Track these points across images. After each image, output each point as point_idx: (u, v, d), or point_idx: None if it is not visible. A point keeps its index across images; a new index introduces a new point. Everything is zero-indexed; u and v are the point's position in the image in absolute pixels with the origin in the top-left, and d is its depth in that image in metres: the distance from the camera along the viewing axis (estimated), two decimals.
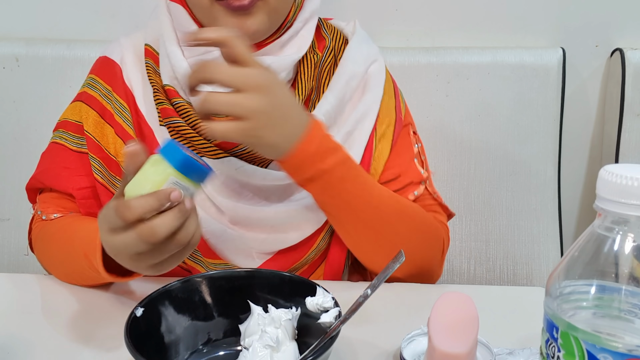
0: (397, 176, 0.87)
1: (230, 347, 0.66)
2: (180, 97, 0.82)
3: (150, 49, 0.86)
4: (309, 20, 0.84)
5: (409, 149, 0.90)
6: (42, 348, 0.68)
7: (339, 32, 0.91)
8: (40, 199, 0.89)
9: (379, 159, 0.86)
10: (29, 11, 1.31)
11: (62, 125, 0.89)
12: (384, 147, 0.87)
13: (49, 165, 0.88)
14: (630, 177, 0.42)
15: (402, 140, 0.89)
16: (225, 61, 0.67)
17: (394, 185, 0.86)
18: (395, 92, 0.92)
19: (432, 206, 0.89)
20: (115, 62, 0.88)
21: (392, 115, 0.88)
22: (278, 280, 0.66)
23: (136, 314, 0.60)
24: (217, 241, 0.81)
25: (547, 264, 1.25)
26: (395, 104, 0.90)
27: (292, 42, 0.83)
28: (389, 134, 0.88)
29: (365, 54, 0.89)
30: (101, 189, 0.85)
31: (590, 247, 0.44)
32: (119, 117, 0.85)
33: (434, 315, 0.57)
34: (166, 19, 0.83)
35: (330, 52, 0.87)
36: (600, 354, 0.42)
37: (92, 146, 0.85)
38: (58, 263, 0.82)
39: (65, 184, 0.86)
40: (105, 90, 0.87)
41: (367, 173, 0.81)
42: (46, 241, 0.84)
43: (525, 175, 1.25)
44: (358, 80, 0.87)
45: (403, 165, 0.88)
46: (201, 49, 0.80)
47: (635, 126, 1.26)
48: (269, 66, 0.70)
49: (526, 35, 1.30)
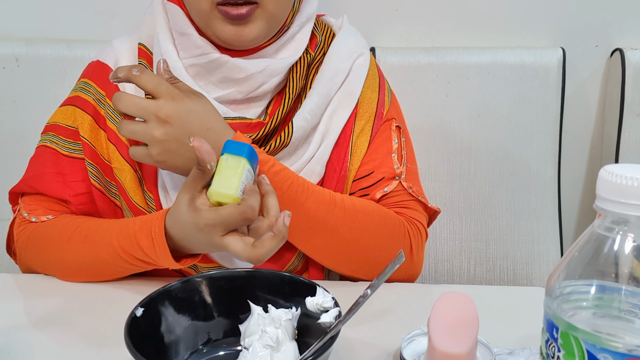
0: (371, 172, 0.86)
1: (230, 347, 0.66)
2: None
3: (144, 49, 0.86)
4: (305, 24, 0.85)
5: (387, 143, 0.88)
6: (42, 348, 0.68)
7: (328, 28, 0.91)
8: (25, 201, 0.87)
9: (356, 155, 0.86)
10: (29, 11, 1.31)
11: (51, 128, 0.87)
12: (362, 143, 0.86)
13: (39, 170, 0.86)
14: (630, 177, 0.42)
15: (380, 135, 0.88)
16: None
17: (367, 182, 0.85)
18: (381, 86, 0.90)
19: (405, 202, 0.87)
20: (108, 66, 0.87)
21: (372, 111, 0.87)
22: (278, 280, 0.66)
23: (136, 314, 0.60)
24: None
25: (547, 264, 1.25)
26: (377, 99, 0.88)
27: (289, 46, 0.84)
28: (367, 130, 0.87)
29: (352, 48, 0.88)
30: (98, 194, 0.84)
31: (590, 247, 0.44)
32: (112, 122, 0.84)
33: (434, 315, 0.57)
34: (161, 17, 0.83)
35: (320, 50, 0.87)
36: (600, 354, 0.42)
37: (89, 152, 0.85)
38: (73, 258, 0.80)
39: (60, 191, 0.84)
40: (99, 95, 0.86)
41: (304, 183, 0.79)
42: (50, 241, 0.82)
43: (525, 175, 1.25)
44: (343, 76, 0.86)
45: (377, 160, 0.86)
46: (197, 50, 0.81)
47: (635, 126, 1.26)
48: (186, 93, 0.75)
49: (526, 35, 1.30)
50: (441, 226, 1.24)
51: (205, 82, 0.82)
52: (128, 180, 0.83)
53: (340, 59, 0.87)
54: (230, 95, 0.82)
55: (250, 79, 0.81)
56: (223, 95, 0.82)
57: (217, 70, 0.81)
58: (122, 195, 0.83)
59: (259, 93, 0.82)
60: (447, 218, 1.24)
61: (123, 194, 0.83)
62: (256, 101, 0.84)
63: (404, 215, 0.85)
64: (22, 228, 0.86)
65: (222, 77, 0.81)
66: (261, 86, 0.82)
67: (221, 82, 0.82)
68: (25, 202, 0.87)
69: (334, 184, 0.85)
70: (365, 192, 0.86)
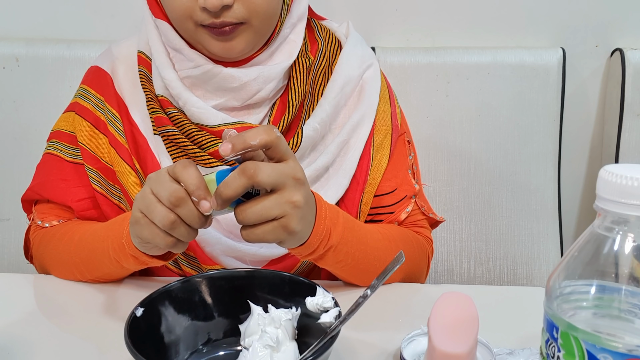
0: (394, 189, 0.87)
1: (230, 347, 0.66)
2: (174, 107, 0.82)
3: (143, 56, 0.86)
4: (296, 24, 0.84)
5: (405, 159, 0.90)
6: (42, 348, 0.68)
7: (332, 34, 0.90)
8: (38, 210, 0.89)
9: (377, 169, 0.86)
10: (29, 11, 1.31)
11: (55, 135, 0.89)
12: (382, 157, 0.87)
13: (45, 177, 0.87)
14: (630, 177, 0.42)
15: (398, 150, 0.89)
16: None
17: (391, 199, 0.87)
18: (391, 98, 0.91)
19: (420, 222, 0.90)
20: (106, 72, 0.88)
21: (389, 124, 0.88)
22: (278, 280, 0.66)
23: (136, 314, 0.60)
24: (211, 249, 0.81)
25: (547, 264, 1.25)
26: (390, 111, 0.89)
27: (281, 49, 0.83)
28: (386, 144, 0.87)
29: (360, 58, 0.89)
30: (101, 198, 0.85)
31: (590, 247, 0.44)
32: (112, 127, 0.85)
33: (434, 315, 0.57)
34: (153, 31, 0.83)
35: (324, 56, 0.87)
36: (600, 354, 0.42)
37: (88, 157, 0.85)
38: (68, 258, 0.81)
39: (63, 197, 0.86)
40: (98, 101, 0.87)
41: (358, 222, 0.79)
42: (53, 242, 0.83)
43: (525, 175, 1.25)
44: (353, 85, 0.87)
45: (399, 177, 0.88)
46: (190, 63, 0.80)
47: (635, 126, 1.26)
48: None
49: (526, 35, 1.30)
50: (441, 226, 1.23)
51: (202, 91, 0.82)
52: (130, 182, 0.83)
53: (352, 67, 0.87)
54: (227, 103, 0.82)
55: (245, 87, 0.81)
56: (221, 103, 0.82)
57: (212, 80, 0.81)
58: (126, 198, 0.84)
59: (256, 100, 0.82)
60: (447, 218, 1.24)
61: (127, 196, 0.83)
62: (255, 108, 0.84)
63: (422, 235, 0.89)
64: (36, 234, 0.88)
65: (217, 86, 0.81)
66: (257, 93, 0.81)
67: (217, 91, 0.82)
68: (38, 210, 0.89)
69: (357, 195, 0.85)
70: (391, 210, 0.87)
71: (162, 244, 0.63)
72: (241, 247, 0.81)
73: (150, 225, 0.62)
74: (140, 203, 0.63)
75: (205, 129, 0.81)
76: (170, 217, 0.61)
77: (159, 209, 0.61)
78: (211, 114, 0.80)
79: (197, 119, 0.81)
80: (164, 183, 0.62)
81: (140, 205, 0.63)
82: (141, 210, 0.63)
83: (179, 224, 0.61)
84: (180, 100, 0.81)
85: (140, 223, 0.63)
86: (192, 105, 0.80)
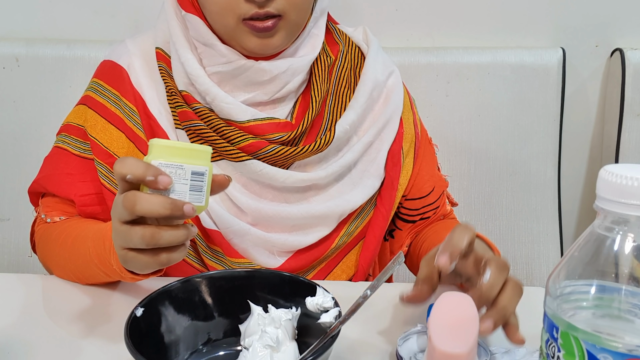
0: (432, 187, 0.93)
1: (230, 347, 0.66)
2: (199, 103, 0.82)
3: (161, 53, 0.86)
4: (319, 18, 0.86)
5: (433, 158, 0.96)
6: (42, 348, 0.68)
7: (350, 40, 0.92)
8: (43, 203, 0.89)
9: (403, 175, 0.90)
10: (29, 11, 1.31)
11: (65, 129, 0.88)
12: (408, 163, 0.91)
13: (51, 170, 0.87)
14: (630, 177, 0.42)
15: (427, 150, 0.95)
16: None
17: (433, 197, 0.93)
18: (412, 105, 0.95)
19: (451, 213, 0.98)
20: (122, 66, 0.87)
21: (412, 131, 0.92)
22: (278, 280, 0.66)
23: (136, 314, 0.60)
24: (239, 240, 0.83)
25: (547, 264, 1.25)
26: (413, 118, 0.93)
27: (306, 42, 0.85)
28: (411, 151, 0.92)
29: (383, 64, 0.92)
30: (108, 194, 0.84)
31: (590, 247, 0.44)
32: (130, 121, 0.84)
33: (434, 315, 0.57)
34: (176, 25, 0.83)
35: (345, 59, 0.89)
36: (600, 354, 0.42)
37: (98, 151, 0.84)
38: (64, 262, 0.81)
39: (67, 191, 0.85)
40: (113, 96, 0.86)
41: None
42: (51, 242, 0.83)
43: (525, 175, 1.25)
44: (379, 90, 0.90)
45: (434, 176, 0.95)
46: (222, 58, 0.81)
47: (635, 126, 1.26)
48: None
49: (526, 35, 1.30)
50: None
51: (231, 86, 0.83)
52: None
53: (378, 72, 0.90)
54: (256, 98, 0.83)
55: (275, 80, 0.82)
56: (249, 98, 0.83)
57: (243, 75, 0.82)
58: None
59: (283, 93, 0.83)
60: None
61: None
62: (281, 102, 0.85)
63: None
64: (38, 228, 0.89)
65: (247, 81, 0.82)
66: (285, 86, 0.83)
67: (246, 86, 0.83)
68: (44, 203, 0.89)
69: (393, 199, 0.89)
70: (436, 206, 0.94)
71: (158, 265, 0.62)
72: (270, 237, 0.83)
73: (137, 256, 0.61)
74: (118, 240, 0.62)
75: (234, 124, 0.81)
76: (147, 232, 0.59)
77: (134, 231, 0.59)
78: (241, 110, 0.81)
79: (227, 115, 0.81)
80: (118, 204, 0.59)
81: (119, 242, 0.62)
82: (122, 247, 0.61)
83: (158, 231, 0.59)
84: (208, 96, 0.81)
85: (128, 258, 0.62)
86: (221, 100, 0.81)
